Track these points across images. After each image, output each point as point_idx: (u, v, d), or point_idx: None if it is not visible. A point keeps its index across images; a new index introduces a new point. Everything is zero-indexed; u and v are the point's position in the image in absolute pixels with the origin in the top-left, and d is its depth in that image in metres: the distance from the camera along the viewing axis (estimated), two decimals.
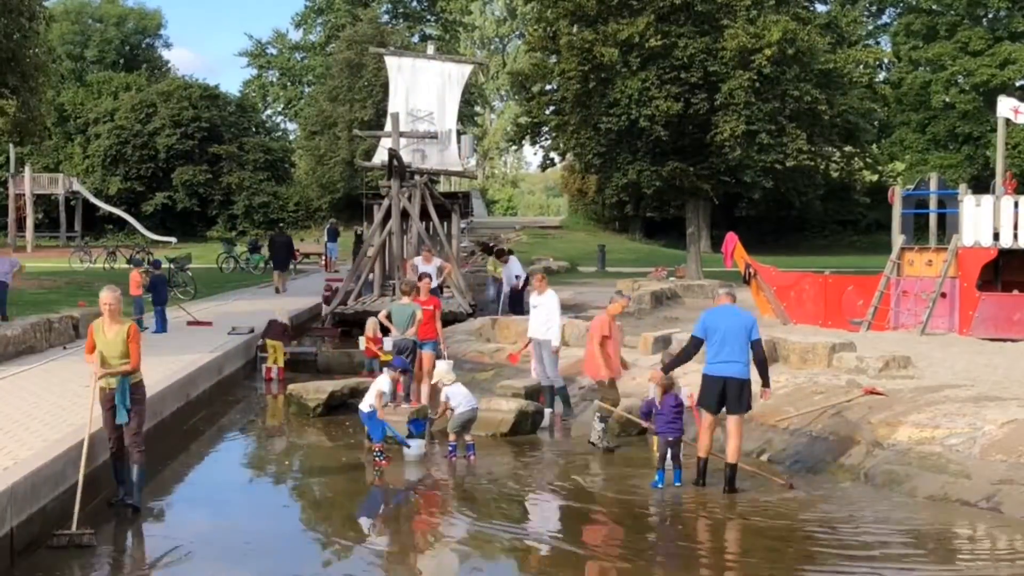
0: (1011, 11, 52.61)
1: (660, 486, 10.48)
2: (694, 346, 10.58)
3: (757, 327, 10.45)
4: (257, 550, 8.63)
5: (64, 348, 16.26)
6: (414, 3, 75.91)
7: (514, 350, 16.13)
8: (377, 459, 11.39)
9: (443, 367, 12.66)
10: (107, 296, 9.22)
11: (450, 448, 11.83)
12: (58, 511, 8.64)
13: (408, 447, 11.67)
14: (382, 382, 11.96)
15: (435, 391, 13.41)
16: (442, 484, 11.05)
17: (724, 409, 10.36)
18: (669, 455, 10.66)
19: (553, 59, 35.22)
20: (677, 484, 10.50)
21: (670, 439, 10.69)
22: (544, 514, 10.26)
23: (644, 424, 11.54)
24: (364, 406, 11.78)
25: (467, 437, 11.89)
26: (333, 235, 41.24)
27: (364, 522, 10.10)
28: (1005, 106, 19.35)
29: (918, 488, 9.98)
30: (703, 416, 10.54)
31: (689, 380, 14.21)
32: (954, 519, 9.29)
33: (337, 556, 8.67)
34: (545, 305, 14.30)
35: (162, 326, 19.21)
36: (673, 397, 10.95)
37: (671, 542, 9.15)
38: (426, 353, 14.18)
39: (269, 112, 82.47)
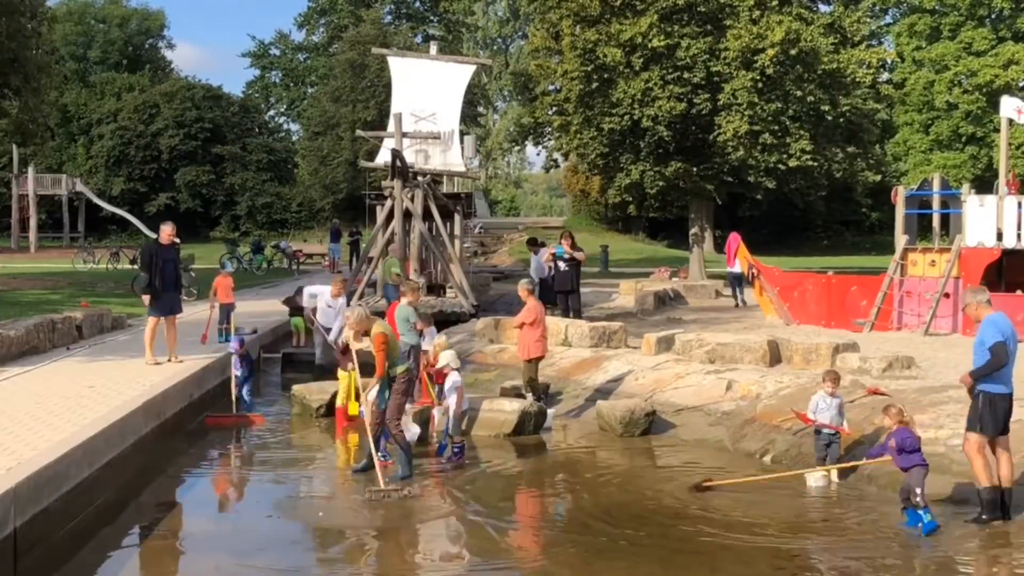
0: (1015, 11, 52.49)
1: (933, 527, 8.97)
2: (1006, 353, 9.09)
3: None
4: (257, 549, 8.62)
5: (67, 349, 16.25)
6: (417, 3, 75.98)
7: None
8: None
9: (450, 353, 12.64)
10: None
11: (456, 450, 11.75)
12: (61, 511, 8.64)
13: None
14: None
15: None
16: (443, 483, 11.04)
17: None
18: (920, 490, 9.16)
19: (556, 59, 35.21)
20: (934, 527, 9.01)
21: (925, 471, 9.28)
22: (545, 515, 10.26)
23: (866, 461, 10.11)
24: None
25: (456, 438, 11.88)
26: (336, 236, 41.31)
27: (365, 522, 10.09)
28: (1008, 106, 19.32)
29: None
30: (977, 439, 9.13)
31: (691, 381, 14.27)
32: (956, 518, 9.27)
33: (339, 556, 8.66)
34: None
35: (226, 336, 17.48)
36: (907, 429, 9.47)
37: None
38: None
39: (272, 113, 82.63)
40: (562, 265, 20.25)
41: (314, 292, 17.66)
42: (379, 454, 11.03)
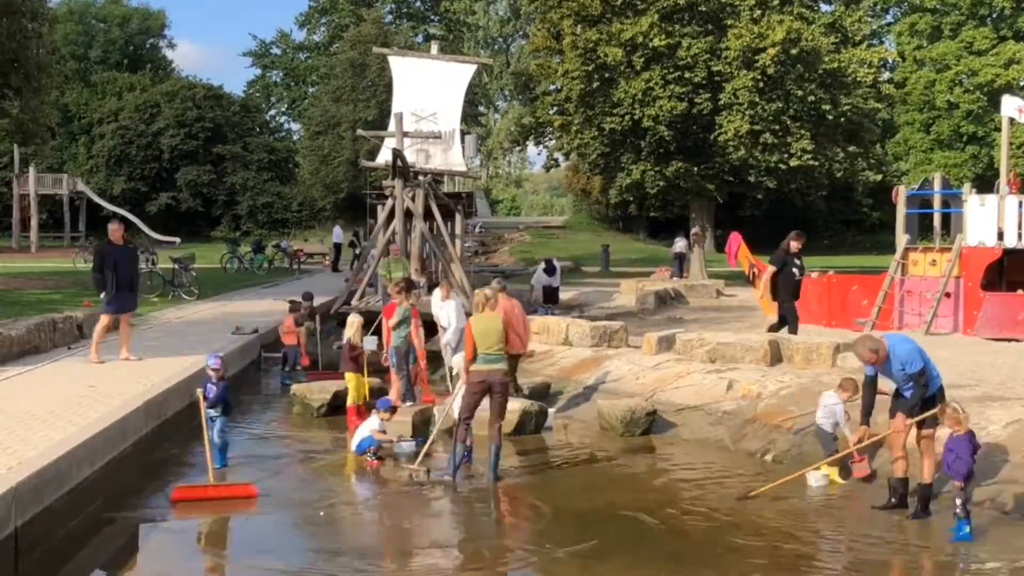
0: (1016, 11, 52.51)
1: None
2: None
3: None
4: (259, 550, 8.62)
5: (68, 348, 16.23)
6: (418, 3, 76.02)
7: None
8: (370, 459, 11.55)
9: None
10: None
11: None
12: (62, 511, 8.65)
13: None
14: (374, 424, 11.95)
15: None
16: (444, 484, 11.04)
17: None
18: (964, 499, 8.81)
19: (557, 59, 35.24)
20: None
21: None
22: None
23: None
24: (359, 444, 11.85)
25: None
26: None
27: (366, 521, 10.09)
28: (1009, 105, 19.30)
29: None
30: None
31: (692, 381, 14.27)
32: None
33: (339, 555, 8.66)
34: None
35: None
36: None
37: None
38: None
39: (273, 112, 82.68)
40: None
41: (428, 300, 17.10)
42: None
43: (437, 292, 15.93)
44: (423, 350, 14.21)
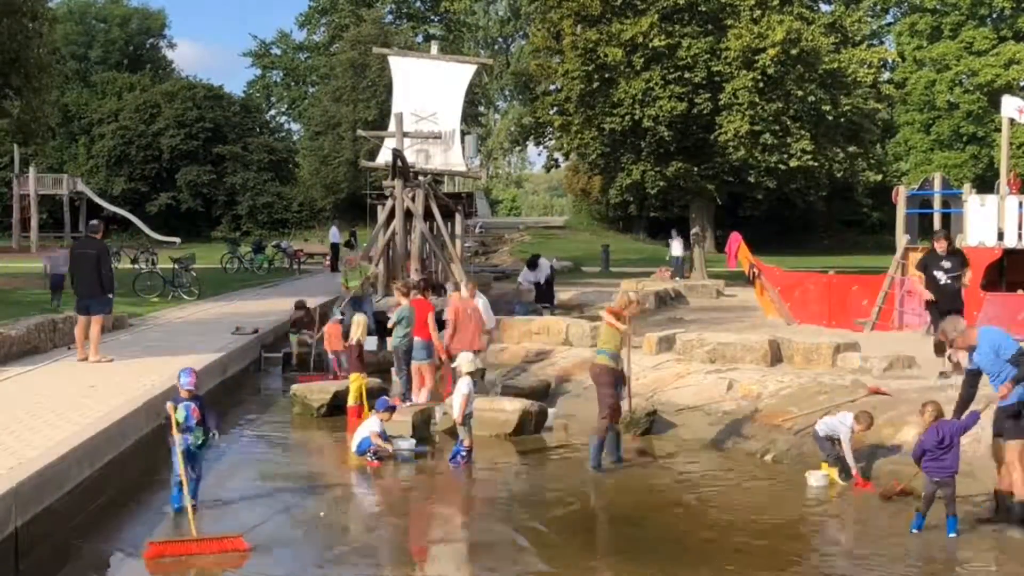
0: (1016, 11, 52.48)
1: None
2: None
3: None
4: (259, 550, 8.62)
5: (68, 348, 16.23)
6: (418, 3, 75.99)
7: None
8: (370, 460, 11.56)
9: (467, 355, 12.55)
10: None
11: (463, 454, 11.62)
12: (63, 511, 8.65)
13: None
14: (373, 424, 11.91)
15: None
16: (445, 484, 11.06)
17: None
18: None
19: (557, 59, 35.22)
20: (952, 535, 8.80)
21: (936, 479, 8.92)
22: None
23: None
24: (359, 444, 11.83)
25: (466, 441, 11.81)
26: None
27: (368, 522, 10.09)
28: (1010, 106, 19.29)
29: (921, 488, 9.94)
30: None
31: (692, 381, 14.27)
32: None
33: (340, 554, 8.66)
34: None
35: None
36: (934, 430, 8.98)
37: None
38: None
39: (273, 112, 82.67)
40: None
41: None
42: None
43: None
44: (440, 344, 14.27)
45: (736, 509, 9.81)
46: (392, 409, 12.38)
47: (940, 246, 14.54)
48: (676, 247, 36.39)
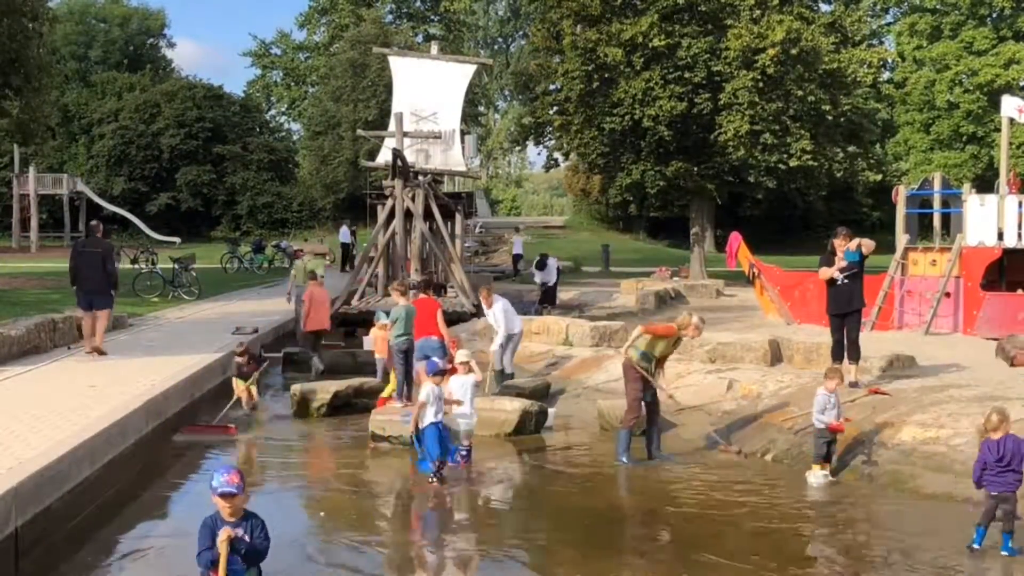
0: (1015, 11, 52.52)
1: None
2: None
3: None
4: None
5: (68, 348, 16.25)
6: (418, 3, 75.95)
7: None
8: (431, 480, 10.57)
9: (465, 352, 12.45)
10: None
11: (463, 454, 11.50)
12: (63, 511, 8.65)
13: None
14: (430, 391, 10.79)
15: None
16: (446, 484, 11.04)
17: None
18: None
19: (557, 59, 35.23)
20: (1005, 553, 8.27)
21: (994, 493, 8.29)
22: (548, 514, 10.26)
23: None
24: (421, 463, 10.81)
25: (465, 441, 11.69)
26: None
27: (367, 520, 10.09)
28: (1009, 105, 19.31)
29: (922, 487, 9.98)
30: None
31: (692, 381, 14.27)
32: (958, 518, 9.26)
33: (341, 553, 8.66)
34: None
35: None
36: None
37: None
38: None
39: (273, 112, 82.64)
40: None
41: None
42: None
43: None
44: (453, 339, 14.34)
45: (736, 509, 9.81)
46: (442, 372, 11.17)
47: (839, 243, 12.73)
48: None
